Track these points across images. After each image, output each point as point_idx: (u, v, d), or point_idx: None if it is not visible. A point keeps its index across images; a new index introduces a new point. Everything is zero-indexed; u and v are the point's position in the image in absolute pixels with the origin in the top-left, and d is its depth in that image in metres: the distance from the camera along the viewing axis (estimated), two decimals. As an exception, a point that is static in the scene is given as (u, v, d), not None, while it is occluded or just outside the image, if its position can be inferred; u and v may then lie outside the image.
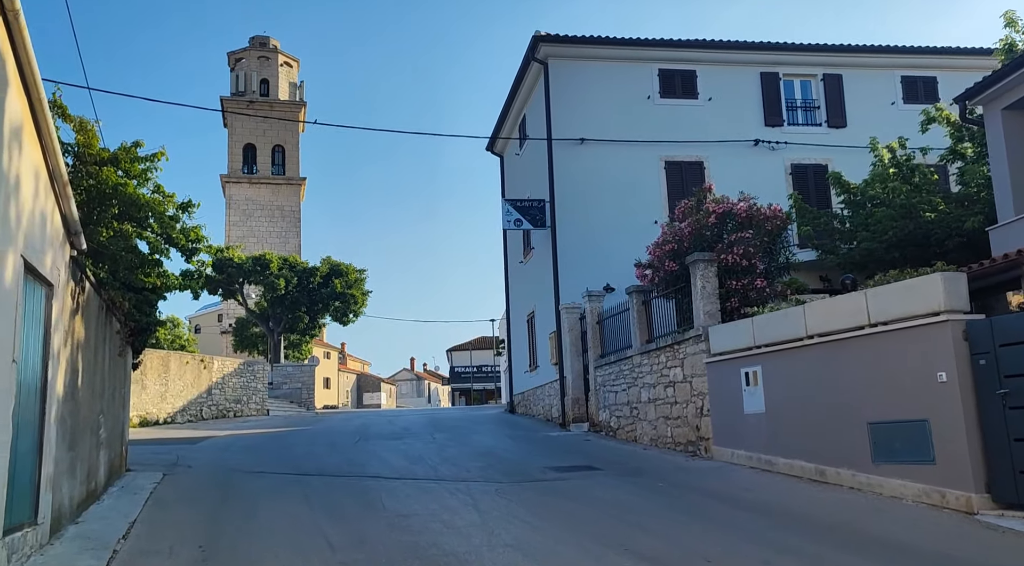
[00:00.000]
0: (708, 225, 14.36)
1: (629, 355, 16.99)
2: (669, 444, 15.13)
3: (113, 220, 9.36)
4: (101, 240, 9.24)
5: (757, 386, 12.39)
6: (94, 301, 10.19)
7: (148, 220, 10.04)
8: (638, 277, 16.17)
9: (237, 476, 13.40)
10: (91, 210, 9.37)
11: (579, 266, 21.30)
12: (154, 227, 10.11)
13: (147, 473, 13.60)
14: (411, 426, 23.59)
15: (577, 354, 20.61)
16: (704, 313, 13.86)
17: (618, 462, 13.93)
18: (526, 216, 21.95)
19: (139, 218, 9.82)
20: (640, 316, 16.72)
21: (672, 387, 15.03)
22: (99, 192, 9.15)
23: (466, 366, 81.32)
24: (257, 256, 39.33)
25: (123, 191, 9.18)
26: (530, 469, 13.50)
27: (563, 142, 21.94)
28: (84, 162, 9.09)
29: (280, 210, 64.74)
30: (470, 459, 14.98)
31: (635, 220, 21.64)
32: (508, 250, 29.10)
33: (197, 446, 19.00)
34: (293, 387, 37.01)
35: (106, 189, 9.07)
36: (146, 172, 9.87)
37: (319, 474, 13.46)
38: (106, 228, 9.24)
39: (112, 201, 9.21)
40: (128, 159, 9.50)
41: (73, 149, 9.38)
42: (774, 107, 22.93)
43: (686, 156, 22.26)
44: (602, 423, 18.62)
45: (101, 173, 8.94)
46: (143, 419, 25.28)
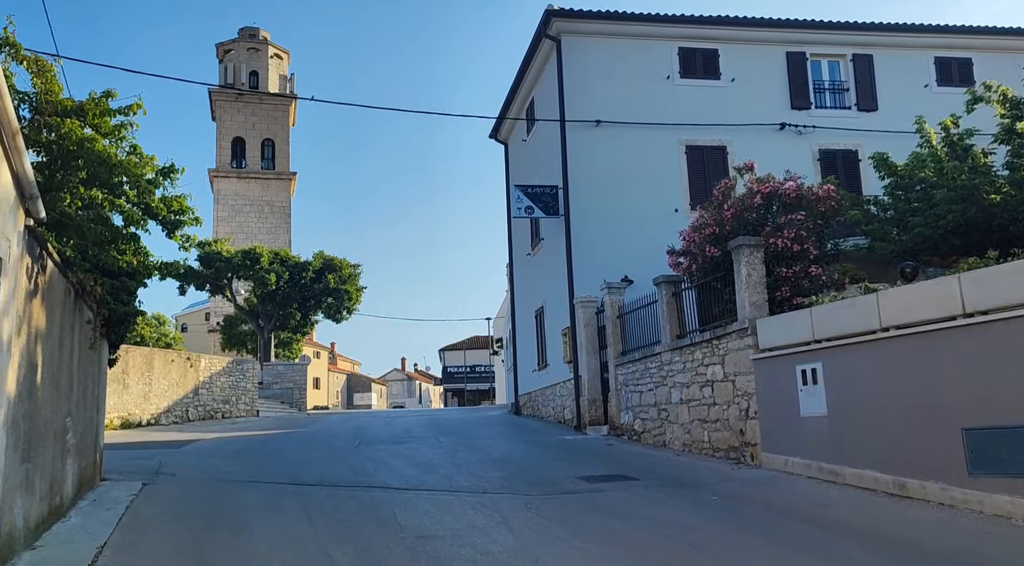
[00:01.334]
0: (752, 206, 12.89)
1: (657, 352, 15.52)
2: (705, 450, 13.67)
3: (79, 185, 7.82)
4: (65, 209, 7.70)
5: (816, 385, 10.93)
6: (59, 284, 8.65)
7: (122, 186, 8.50)
8: (670, 265, 14.71)
9: (226, 486, 11.87)
10: (52, 172, 7.83)
11: (594, 257, 19.83)
12: (129, 195, 8.55)
13: (124, 483, 12.04)
14: (412, 428, 22.08)
15: (594, 351, 19.13)
16: (750, 304, 12.40)
17: (653, 470, 12.46)
18: (538, 203, 20.45)
19: (111, 184, 8.27)
20: (670, 309, 15.25)
21: (710, 387, 13.56)
22: (61, 150, 7.61)
23: (459, 366, 79.79)
24: (247, 250, 37.68)
25: (91, 149, 7.64)
26: (557, 478, 12.01)
27: (577, 125, 20.45)
28: (43, 113, 7.56)
29: (270, 205, 63.11)
30: (486, 467, 13.49)
31: (654, 208, 20.23)
32: (513, 242, 27.60)
33: (182, 450, 17.43)
34: (284, 387, 35.41)
35: (70, 146, 7.53)
36: (120, 129, 8.33)
37: (320, 484, 11.95)
38: (71, 195, 7.70)
39: (78, 162, 7.68)
40: (97, 111, 7.95)
41: (30, 99, 7.82)
42: (801, 89, 21.50)
43: (708, 140, 20.81)
44: (624, 426, 17.14)
45: (64, 126, 7.42)
46: (125, 421, 23.68)
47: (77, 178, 7.70)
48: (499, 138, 28.29)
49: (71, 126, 7.47)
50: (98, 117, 8.00)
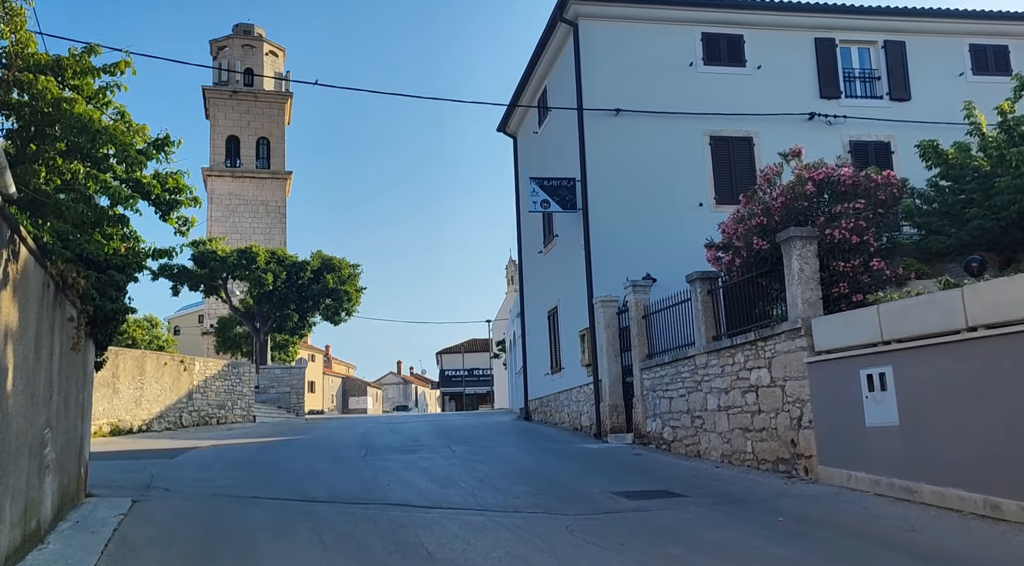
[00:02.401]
0: (804, 195, 11.75)
1: (690, 354, 14.37)
2: (748, 461, 12.51)
3: (57, 157, 6.63)
4: (40, 185, 6.53)
5: (886, 392, 9.78)
6: (35, 275, 7.46)
7: (108, 159, 7.30)
8: (709, 260, 13.56)
9: (226, 504, 10.67)
10: (24, 141, 6.63)
11: (614, 254, 18.70)
12: (116, 169, 7.35)
13: (111, 500, 10.84)
14: (420, 436, 20.88)
15: (615, 354, 17.97)
16: (803, 302, 11.25)
17: (697, 485, 11.29)
18: (554, 197, 19.30)
19: (95, 156, 7.09)
20: (706, 307, 14.10)
21: (754, 392, 12.41)
22: (35, 114, 6.43)
23: (457, 369, 78.57)
24: (243, 249, 36.39)
25: (69, 111, 6.45)
26: (592, 494, 10.85)
27: (595, 114, 19.31)
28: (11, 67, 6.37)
29: (264, 205, 61.91)
30: (510, 480, 12.32)
31: (676, 203, 19.13)
32: (523, 240, 26.42)
33: (176, 460, 16.23)
34: (281, 391, 34.13)
35: (44, 108, 6.34)
36: (104, 91, 7.14)
37: (330, 501, 10.77)
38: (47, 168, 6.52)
39: (55, 128, 6.50)
40: (78, 69, 6.75)
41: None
42: (830, 77, 20.38)
43: (733, 131, 19.68)
44: (651, 434, 15.97)
45: (37, 84, 6.24)
46: (115, 427, 22.44)
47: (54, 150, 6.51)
48: (507, 131, 27.13)
49: (46, 84, 6.28)
50: (79, 76, 6.81)
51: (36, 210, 6.89)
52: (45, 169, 6.47)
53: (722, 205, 19.24)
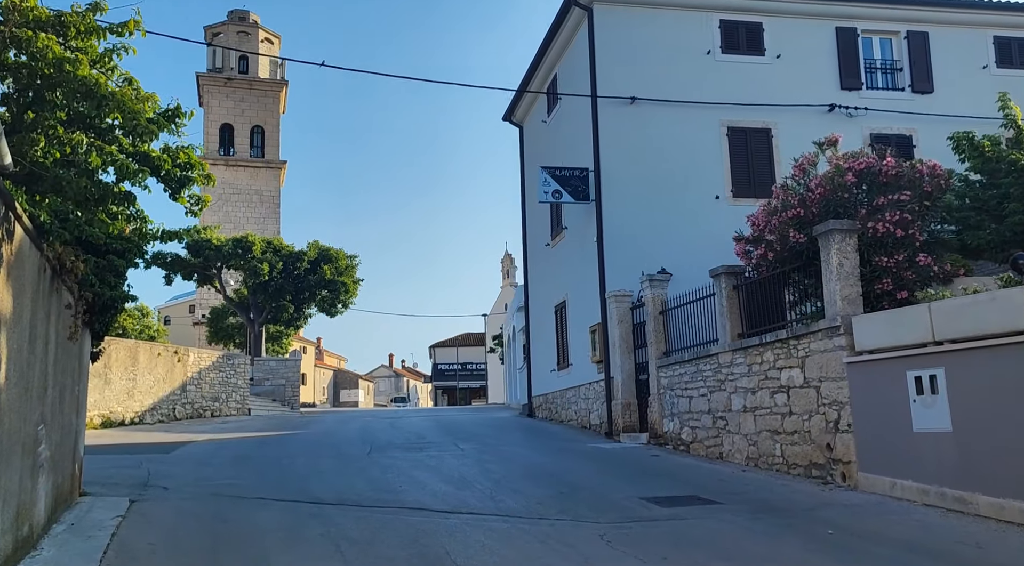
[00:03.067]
0: (844, 185, 11.13)
1: (713, 353, 13.77)
2: (777, 465, 11.92)
3: (57, 125, 5.97)
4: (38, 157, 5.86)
5: (936, 396, 9.18)
6: (31, 258, 6.81)
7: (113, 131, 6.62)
8: (738, 254, 12.94)
9: (231, 505, 10.02)
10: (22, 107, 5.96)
11: (628, 247, 18.08)
12: (123, 142, 6.67)
13: (108, 499, 10.20)
14: (423, 432, 20.25)
15: (628, 351, 17.35)
16: (841, 298, 10.64)
17: (728, 490, 10.69)
18: (566, 187, 18.65)
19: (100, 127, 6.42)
20: (731, 303, 13.50)
21: (784, 393, 11.81)
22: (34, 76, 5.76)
23: (451, 363, 77.95)
24: (238, 238, 35.62)
25: (73, 73, 5.78)
26: (618, 499, 10.23)
27: (609, 102, 18.67)
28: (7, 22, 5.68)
29: (259, 195, 61.03)
30: (528, 483, 11.70)
31: (692, 195, 18.53)
32: (528, 232, 25.77)
33: (172, 455, 15.57)
34: (276, 383, 33.42)
35: (45, 69, 5.66)
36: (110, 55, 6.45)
37: (340, 503, 10.13)
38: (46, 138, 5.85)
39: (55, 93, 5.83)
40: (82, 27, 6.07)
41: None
42: (851, 68, 19.77)
43: (751, 122, 19.06)
44: (668, 434, 15.37)
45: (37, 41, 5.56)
46: (106, 419, 21.75)
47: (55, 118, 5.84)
48: (514, 120, 26.45)
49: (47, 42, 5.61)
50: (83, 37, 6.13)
51: (33, 184, 6.22)
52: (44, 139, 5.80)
53: (739, 199, 18.66)
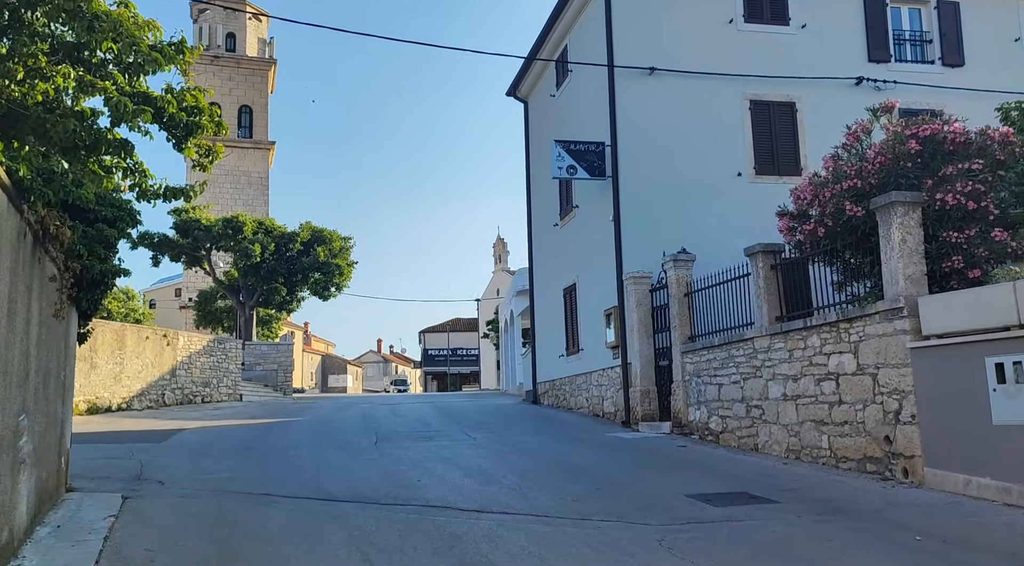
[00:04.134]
0: (907, 154, 10.18)
1: (748, 337, 12.84)
2: (823, 458, 11.02)
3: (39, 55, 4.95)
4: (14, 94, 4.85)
5: (1021, 385, 8.27)
6: (8, 220, 5.81)
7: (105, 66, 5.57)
8: (781, 230, 11.99)
9: (235, 502, 9.04)
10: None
11: (645, 226, 17.14)
12: (118, 79, 5.64)
13: (98, 496, 9.23)
14: (426, 419, 19.30)
15: (647, 335, 16.42)
16: (904, 278, 9.72)
17: (777, 486, 9.77)
18: (581, 162, 17.65)
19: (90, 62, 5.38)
20: (769, 284, 12.58)
21: (832, 381, 10.89)
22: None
23: (441, 349, 76.96)
24: (228, 218, 34.43)
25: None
26: (661, 497, 9.32)
27: (627, 73, 17.66)
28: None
29: (247, 176, 59.68)
30: (557, 476, 10.78)
31: (712, 172, 17.59)
32: (534, 211, 24.76)
33: (165, 445, 14.57)
34: (268, 369, 32.34)
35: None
36: (98, -34, 5.44)
37: (357, 499, 9.17)
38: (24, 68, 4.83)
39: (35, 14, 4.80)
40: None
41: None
42: (880, 39, 18.81)
43: (775, 95, 18.09)
44: (694, 424, 14.46)
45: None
46: (92, 405, 20.68)
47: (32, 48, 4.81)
48: (518, 95, 25.37)
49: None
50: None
51: (10, 127, 5.20)
52: (22, 69, 4.78)
53: (762, 176, 17.76)
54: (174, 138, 6.19)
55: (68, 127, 5.26)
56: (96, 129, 5.60)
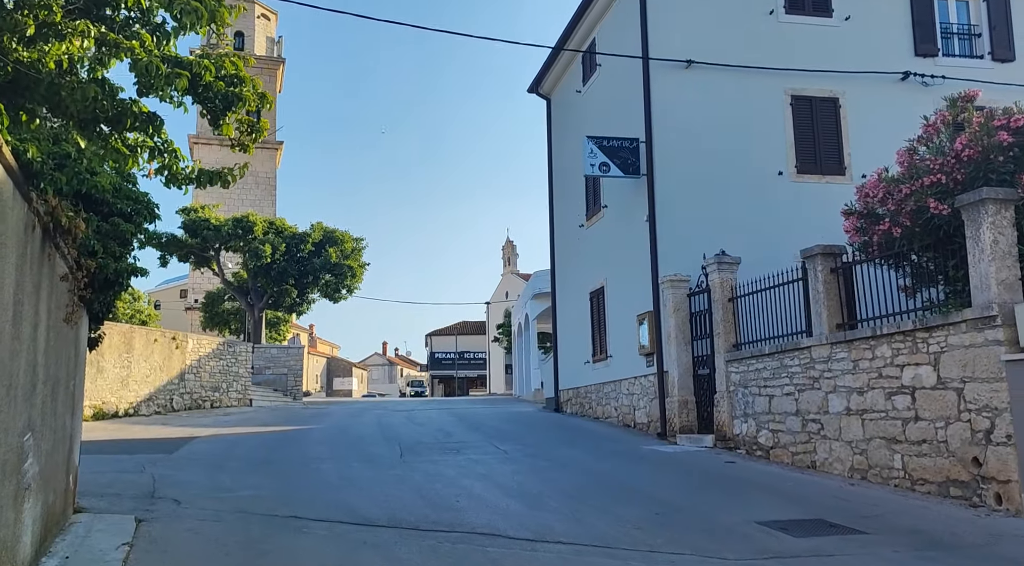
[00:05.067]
0: (998, 146, 9.30)
1: (804, 345, 11.96)
2: (896, 480, 10.12)
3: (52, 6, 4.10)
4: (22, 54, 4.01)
5: None
6: (14, 210, 4.96)
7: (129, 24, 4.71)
8: (847, 231, 11.12)
9: (262, 527, 8.16)
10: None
11: (680, 228, 16.29)
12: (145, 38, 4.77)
13: (108, 518, 8.35)
14: (446, 428, 18.44)
15: (684, 342, 15.54)
16: (997, 283, 8.84)
17: (856, 514, 8.86)
18: (614, 160, 16.79)
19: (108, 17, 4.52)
20: (829, 289, 11.69)
21: (908, 395, 10.00)
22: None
23: (448, 352, 76.08)
24: (239, 218, 33.53)
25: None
26: (731, 524, 8.43)
27: (662, 67, 16.82)
28: None
29: (254, 176, 58.76)
30: (607, 498, 9.91)
31: (751, 171, 16.75)
32: (556, 212, 23.89)
33: (177, 455, 13.72)
34: (277, 372, 31.47)
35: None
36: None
37: (395, 524, 8.30)
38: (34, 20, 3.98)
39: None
40: None
41: None
42: (927, 32, 17.93)
43: (817, 90, 17.21)
44: (741, 437, 13.57)
45: None
46: (98, 411, 19.83)
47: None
48: (541, 92, 24.51)
49: None
50: None
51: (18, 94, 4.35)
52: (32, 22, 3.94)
53: (803, 175, 16.90)
54: (210, 112, 5.33)
55: (87, 94, 4.41)
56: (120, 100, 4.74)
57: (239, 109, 5.32)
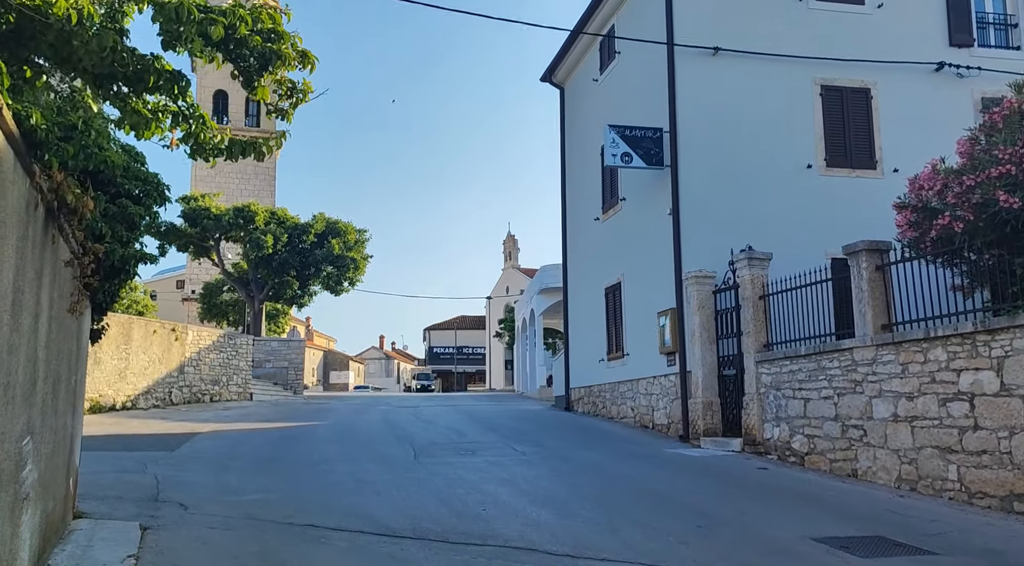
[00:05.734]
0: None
1: (846, 347, 11.33)
2: (951, 492, 9.50)
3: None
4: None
5: None
6: (16, 184, 4.33)
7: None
8: (901, 225, 10.47)
9: (276, 536, 7.53)
10: None
11: (704, 222, 15.67)
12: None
13: (111, 525, 7.71)
14: (457, 426, 17.81)
15: (710, 341, 14.91)
16: (1069, 283, 8.21)
17: (918, 530, 8.22)
18: (637, 150, 16.13)
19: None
20: (874, 287, 11.05)
21: (966, 401, 9.37)
22: None
23: (447, 346, 75.41)
24: (240, 207, 32.76)
25: None
26: (784, 540, 7.78)
27: (687, 54, 16.16)
28: None
29: (253, 166, 58.00)
30: (641, 507, 9.28)
31: (779, 164, 16.13)
32: (569, 205, 23.22)
33: (180, 453, 13.09)
34: (278, 366, 30.77)
35: None
36: None
37: (420, 535, 7.66)
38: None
39: None
40: None
41: None
42: (962, 22, 17.29)
43: (848, 80, 16.57)
44: (772, 442, 12.94)
45: None
46: (95, 403, 19.17)
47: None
48: (554, 81, 23.82)
49: None
50: None
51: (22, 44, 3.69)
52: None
53: (833, 168, 16.27)
54: (243, 73, 4.65)
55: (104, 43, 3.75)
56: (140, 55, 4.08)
57: (277, 69, 4.66)
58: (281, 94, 4.79)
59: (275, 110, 4.85)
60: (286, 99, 4.78)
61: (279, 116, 4.85)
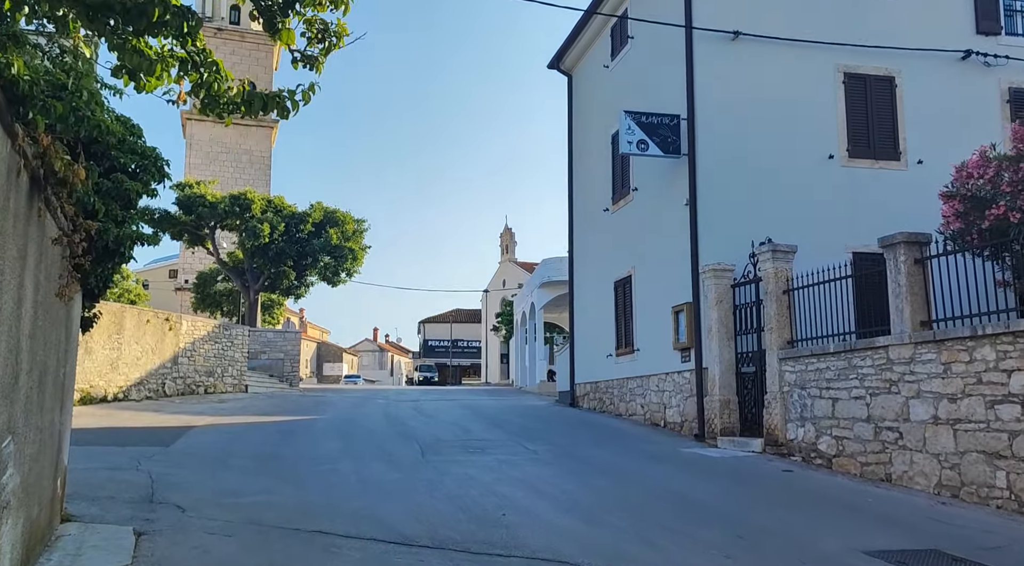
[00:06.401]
0: None
1: (880, 344, 10.73)
2: (999, 500, 8.93)
3: None
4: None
5: None
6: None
7: None
8: (946, 215, 9.87)
9: (283, 544, 6.92)
10: None
11: (722, 214, 15.11)
12: None
13: (102, 530, 7.09)
14: (462, 422, 17.21)
15: (727, 337, 14.32)
16: None
17: (973, 543, 7.62)
18: (653, 137, 15.50)
19: None
20: (912, 281, 10.45)
21: (1017, 404, 8.80)
22: None
23: (442, 339, 74.77)
24: (236, 195, 32.03)
25: None
26: (834, 553, 7.19)
27: (705, 38, 15.55)
28: None
29: (248, 154, 57.55)
30: (670, 513, 8.68)
31: (800, 154, 15.57)
32: (576, 195, 22.58)
33: (174, 449, 12.46)
34: (274, 357, 30.10)
35: None
36: None
37: (437, 545, 7.05)
38: None
39: None
40: None
41: None
42: (989, 9, 16.69)
43: (872, 68, 15.96)
44: (796, 443, 12.35)
45: None
46: (85, 394, 18.50)
47: None
48: (562, 68, 23.16)
49: None
50: None
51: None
52: None
53: (855, 159, 15.69)
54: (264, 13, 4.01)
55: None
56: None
57: (305, 6, 4.02)
58: (311, 38, 4.16)
59: (302, 58, 4.22)
60: (316, 43, 4.14)
61: (306, 65, 4.22)
